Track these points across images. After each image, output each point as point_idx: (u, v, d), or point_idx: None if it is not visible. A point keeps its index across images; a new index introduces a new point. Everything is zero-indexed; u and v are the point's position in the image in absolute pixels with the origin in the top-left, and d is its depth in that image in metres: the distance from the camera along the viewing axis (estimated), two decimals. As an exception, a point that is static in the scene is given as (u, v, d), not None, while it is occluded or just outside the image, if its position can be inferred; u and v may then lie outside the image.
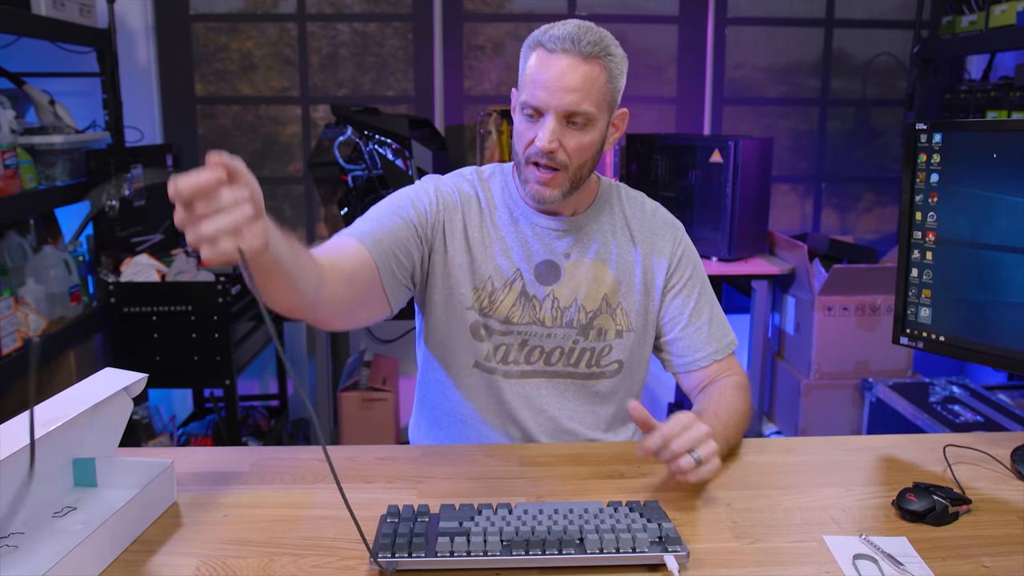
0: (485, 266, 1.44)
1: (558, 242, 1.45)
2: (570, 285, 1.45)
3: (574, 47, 1.29)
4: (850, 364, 3.06)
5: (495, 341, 1.45)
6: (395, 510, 1.08)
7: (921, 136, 1.38)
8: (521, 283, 1.44)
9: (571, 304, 1.45)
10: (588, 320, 1.46)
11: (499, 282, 1.44)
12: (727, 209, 3.00)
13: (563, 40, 1.29)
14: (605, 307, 1.46)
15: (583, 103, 1.30)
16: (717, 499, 1.20)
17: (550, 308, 1.45)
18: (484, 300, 1.44)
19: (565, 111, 1.31)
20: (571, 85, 1.29)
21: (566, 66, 1.29)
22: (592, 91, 1.31)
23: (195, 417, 3.42)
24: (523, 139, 1.35)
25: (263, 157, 3.57)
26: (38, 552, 1.02)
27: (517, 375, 1.46)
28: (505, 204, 1.47)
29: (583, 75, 1.29)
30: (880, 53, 3.72)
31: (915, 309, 1.42)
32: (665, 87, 3.68)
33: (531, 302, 1.44)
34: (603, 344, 1.47)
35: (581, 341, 1.46)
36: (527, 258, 1.45)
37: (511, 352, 1.46)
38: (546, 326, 1.45)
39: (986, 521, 1.14)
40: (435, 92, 3.56)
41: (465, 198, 1.47)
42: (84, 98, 3.11)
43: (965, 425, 2.53)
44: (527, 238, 1.45)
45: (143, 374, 1.17)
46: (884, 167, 3.82)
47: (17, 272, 2.55)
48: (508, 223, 1.46)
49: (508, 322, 1.44)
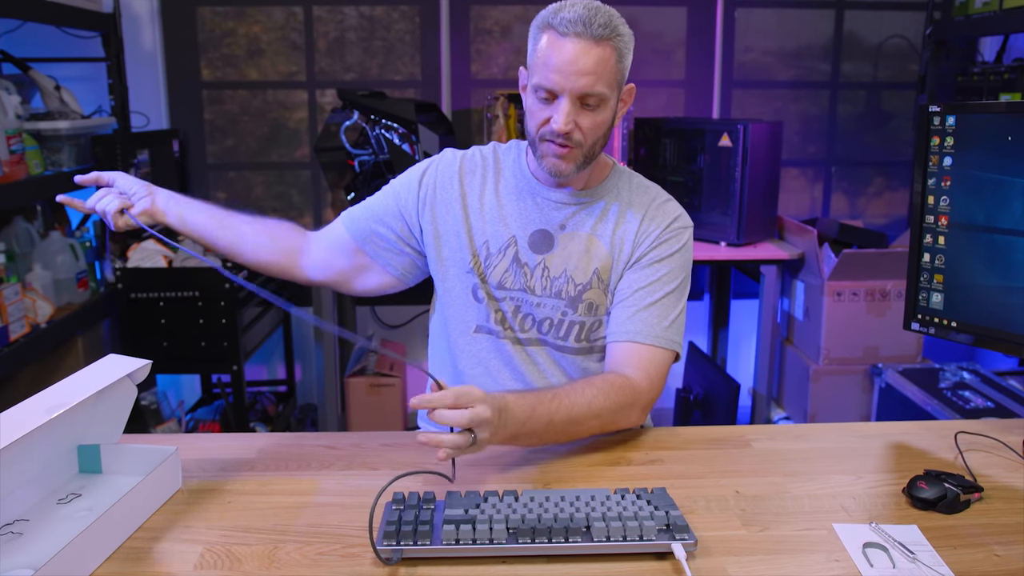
0: (483, 231, 1.49)
1: (557, 213, 1.48)
2: (561, 256, 1.47)
3: (586, 30, 1.30)
4: (859, 350, 3.04)
5: (493, 305, 1.49)
6: (400, 497, 1.07)
7: (934, 119, 1.36)
8: (515, 249, 1.47)
9: (560, 274, 1.46)
10: (577, 293, 1.46)
11: (495, 247, 1.48)
12: (736, 193, 2.97)
13: (575, 23, 1.30)
14: (597, 282, 1.46)
15: (596, 85, 1.32)
16: (725, 486, 1.19)
17: (540, 276, 1.47)
18: (480, 265, 1.49)
19: (580, 93, 1.33)
20: (585, 68, 1.31)
21: (579, 49, 1.30)
22: (604, 72, 1.33)
23: (203, 403, 3.43)
24: (536, 118, 1.38)
25: (270, 142, 3.56)
26: (43, 539, 1.02)
27: (515, 340, 1.49)
28: (514, 175, 1.51)
29: (596, 57, 1.31)
30: (892, 35, 3.67)
31: (927, 294, 1.41)
32: (674, 70, 3.64)
33: (522, 268, 1.47)
34: (593, 319, 1.48)
35: (570, 314, 1.47)
36: (523, 226, 1.48)
37: (507, 317, 1.49)
38: (535, 294, 1.47)
39: (998, 509, 1.13)
40: (442, 76, 3.53)
41: (471, 166, 1.53)
42: (90, 83, 3.10)
43: (975, 411, 2.51)
44: (527, 208, 1.49)
45: (147, 360, 1.17)
46: (895, 151, 3.79)
47: (24, 258, 2.55)
48: (513, 193, 1.50)
49: (501, 287, 1.48)
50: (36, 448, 1.08)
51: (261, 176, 3.59)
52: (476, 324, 1.50)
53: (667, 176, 3.19)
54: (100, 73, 3.01)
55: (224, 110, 3.52)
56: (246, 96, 3.52)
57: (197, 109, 3.49)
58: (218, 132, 3.54)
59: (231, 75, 3.50)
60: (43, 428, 0.96)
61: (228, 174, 3.57)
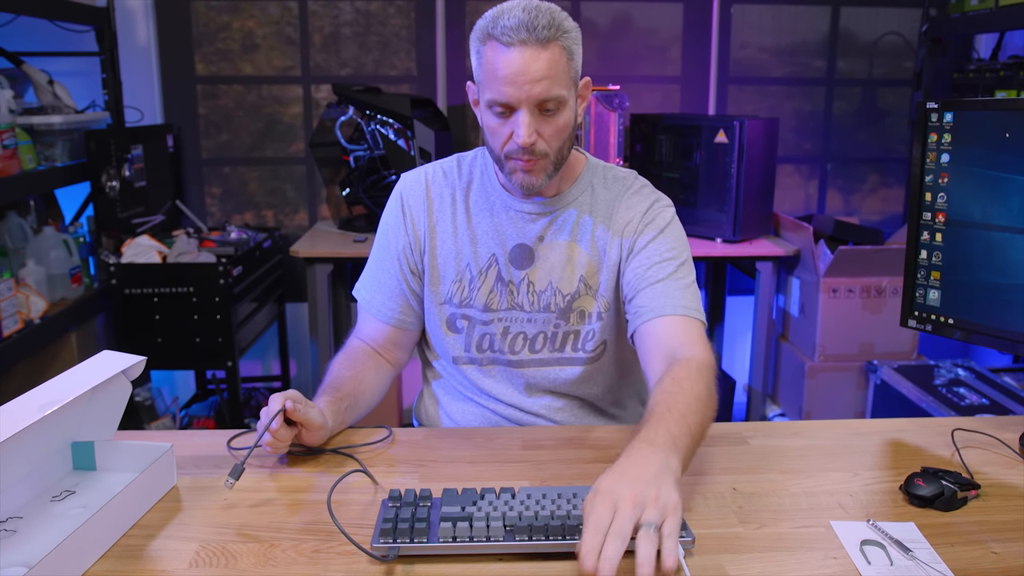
0: (461, 255, 1.44)
1: (531, 225, 1.44)
2: (544, 268, 1.43)
3: (530, 35, 1.24)
4: (855, 346, 3.04)
5: (479, 331, 1.45)
6: (397, 494, 1.06)
7: (932, 115, 1.36)
8: (496, 268, 1.44)
9: (546, 287, 1.43)
10: (567, 303, 1.44)
11: (475, 270, 1.44)
12: (732, 190, 2.97)
13: (517, 30, 1.24)
14: (584, 289, 1.44)
15: (552, 89, 1.27)
16: (722, 483, 1.19)
17: (526, 292, 1.43)
18: (464, 290, 1.44)
19: (536, 101, 1.27)
20: (537, 75, 1.25)
21: (527, 57, 1.25)
22: (558, 74, 1.27)
23: (198, 399, 3.42)
24: (498, 136, 1.32)
25: (265, 137, 3.55)
26: (36, 536, 1.01)
27: (503, 364, 1.46)
28: (483, 189, 1.46)
29: (546, 61, 1.25)
30: (887, 32, 3.68)
31: (924, 291, 1.41)
32: (670, 67, 3.64)
33: (507, 287, 1.43)
34: (587, 327, 1.45)
35: (563, 325, 1.45)
36: (501, 243, 1.44)
37: (495, 341, 1.45)
38: (525, 311, 1.44)
39: (995, 506, 1.13)
40: (437, 72, 3.53)
41: (438, 190, 1.47)
42: (83, 78, 3.09)
43: (970, 408, 2.52)
44: (502, 223, 1.44)
45: (141, 356, 1.16)
46: (890, 148, 3.79)
47: (18, 253, 2.54)
48: (484, 209, 1.45)
49: (488, 309, 1.44)
50: (30, 445, 1.07)
51: (256, 171, 3.58)
52: (453, 356, 1.48)
53: (663, 172, 3.19)
54: (94, 68, 3.00)
55: (219, 105, 3.51)
56: (241, 91, 3.51)
57: (191, 104, 3.48)
58: (212, 127, 3.52)
59: (226, 70, 3.49)
60: (37, 425, 0.95)
61: (222, 169, 3.55)
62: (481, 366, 1.47)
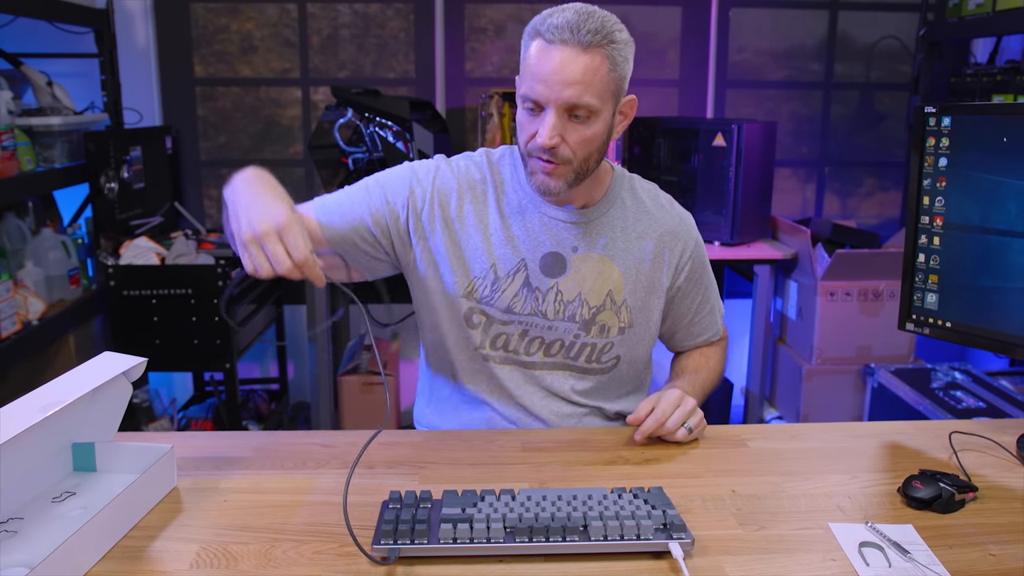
0: (487, 253, 1.42)
1: (566, 234, 1.42)
2: (575, 279, 1.42)
3: (573, 37, 1.23)
4: (852, 349, 3.05)
5: (495, 330, 1.44)
6: (397, 496, 1.07)
7: (930, 119, 1.36)
8: (525, 274, 1.42)
9: (575, 298, 1.42)
10: (591, 316, 1.43)
11: (502, 271, 1.42)
12: (730, 193, 2.98)
13: (561, 30, 1.24)
14: (610, 303, 1.44)
15: (584, 96, 1.25)
16: (721, 486, 1.19)
17: (553, 301, 1.42)
18: (485, 288, 1.42)
19: (566, 105, 1.26)
20: (570, 78, 1.24)
21: (565, 58, 1.23)
22: (594, 82, 1.25)
23: (195, 400, 3.42)
24: (525, 132, 1.32)
25: (263, 139, 3.55)
26: (37, 538, 1.01)
27: (515, 363, 1.45)
28: (515, 190, 1.44)
29: (583, 66, 1.24)
30: (885, 36, 3.69)
31: (921, 295, 1.41)
32: (668, 70, 3.65)
33: (534, 293, 1.42)
34: (605, 341, 1.45)
35: (583, 336, 1.44)
36: (533, 248, 1.42)
37: (511, 341, 1.44)
38: (548, 318, 1.43)
39: (993, 509, 1.13)
40: (436, 74, 3.53)
41: (469, 184, 1.44)
42: (82, 79, 3.09)
43: (967, 411, 2.52)
44: (534, 227, 1.42)
45: (142, 358, 1.16)
46: (887, 152, 3.80)
47: (16, 255, 2.54)
48: (516, 210, 1.43)
49: (510, 311, 1.42)
50: (30, 446, 1.07)
51: (254, 173, 3.57)
52: (473, 347, 1.45)
53: (661, 176, 3.19)
54: (93, 69, 3.00)
55: (217, 107, 3.51)
56: (239, 93, 3.51)
57: (190, 106, 3.48)
58: (211, 129, 3.52)
59: (224, 72, 3.49)
60: (38, 426, 0.96)
61: (221, 171, 3.55)
62: (495, 363, 1.46)
